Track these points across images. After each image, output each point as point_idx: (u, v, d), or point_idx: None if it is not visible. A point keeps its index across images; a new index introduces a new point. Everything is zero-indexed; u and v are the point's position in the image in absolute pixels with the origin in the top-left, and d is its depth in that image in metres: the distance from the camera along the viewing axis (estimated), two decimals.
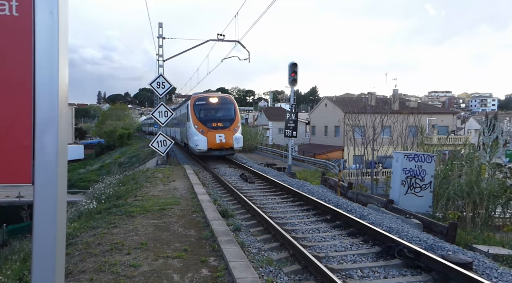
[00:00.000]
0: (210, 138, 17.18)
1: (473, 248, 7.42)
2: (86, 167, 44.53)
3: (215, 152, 17.64)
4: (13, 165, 1.72)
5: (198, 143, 17.24)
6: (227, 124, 17.95)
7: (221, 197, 10.15)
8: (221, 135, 17.28)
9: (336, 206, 8.82)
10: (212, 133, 17.32)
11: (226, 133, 17.45)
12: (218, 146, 17.30)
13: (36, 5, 1.70)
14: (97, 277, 4.52)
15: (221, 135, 17.28)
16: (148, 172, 14.95)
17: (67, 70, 1.79)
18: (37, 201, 1.70)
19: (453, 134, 37.42)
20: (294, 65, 16.61)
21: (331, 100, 45.51)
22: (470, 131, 53.07)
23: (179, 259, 5.15)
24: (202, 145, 17.18)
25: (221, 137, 17.24)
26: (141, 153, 34.33)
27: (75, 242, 6.01)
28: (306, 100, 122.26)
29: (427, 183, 12.12)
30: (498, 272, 5.21)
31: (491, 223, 11.10)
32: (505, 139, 18.55)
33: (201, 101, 18.65)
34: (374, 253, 5.91)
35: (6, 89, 1.71)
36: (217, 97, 19.23)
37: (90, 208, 8.89)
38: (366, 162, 21.09)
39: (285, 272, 5.03)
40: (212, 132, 17.35)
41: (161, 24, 18.67)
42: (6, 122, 1.71)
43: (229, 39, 19.38)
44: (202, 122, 17.74)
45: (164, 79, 15.57)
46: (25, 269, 5.83)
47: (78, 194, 25.66)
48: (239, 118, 18.74)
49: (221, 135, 17.29)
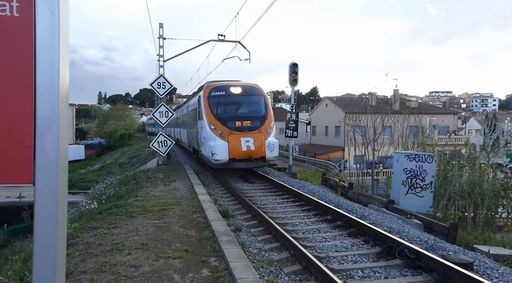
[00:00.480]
0: (233, 144, 12.42)
1: (474, 248, 7.42)
2: (86, 167, 44.57)
3: (240, 163, 12.62)
4: (14, 166, 1.72)
5: (216, 151, 12.37)
6: (256, 124, 13.14)
7: (222, 197, 10.15)
8: (249, 140, 12.52)
9: (337, 206, 8.81)
10: (236, 137, 12.54)
11: (256, 137, 12.68)
12: (244, 155, 12.46)
13: (37, 5, 1.70)
14: (98, 278, 4.52)
15: (249, 140, 12.52)
16: (149, 172, 14.98)
17: (67, 70, 1.80)
18: (38, 201, 1.70)
19: (454, 134, 37.40)
20: (295, 66, 16.50)
21: (332, 100, 45.52)
22: (471, 131, 53.01)
23: (179, 260, 5.15)
24: (222, 154, 12.35)
25: (249, 142, 12.49)
26: (141, 153, 34.37)
27: (76, 242, 6.02)
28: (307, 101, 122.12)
29: (428, 183, 12.11)
30: (499, 272, 5.21)
31: (493, 223, 11.09)
32: (506, 140, 18.54)
33: (219, 92, 13.68)
34: (375, 253, 5.90)
35: (7, 89, 1.71)
36: (241, 86, 14.12)
37: (90, 208, 8.91)
38: (367, 162, 21.07)
39: (286, 272, 5.03)
40: (235, 135, 12.59)
41: (162, 25, 18.66)
42: (7, 122, 1.72)
43: (229, 40, 19.32)
44: (221, 121, 12.93)
45: (165, 79, 15.57)
46: (26, 270, 5.83)
47: (79, 194, 25.67)
48: (272, 116, 13.74)
49: (248, 139, 12.52)
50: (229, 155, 12.36)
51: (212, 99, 13.50)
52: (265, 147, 12.66)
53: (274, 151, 12.88)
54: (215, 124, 12.89)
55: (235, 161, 12.49)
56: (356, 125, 22.04)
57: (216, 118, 13.04)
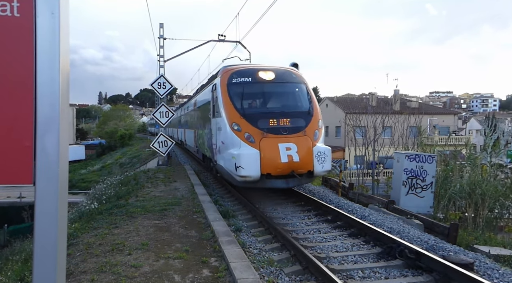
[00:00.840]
0: (268, 153, 8.56)
1: (474, 249, 7.40)
2: (87, 167, 44.61)
3: (277, 181, 8.72)
4: (14, 166, 1.72)
5: (242, 163, 8.46)
6: (299, 123, 9.21)
7: (222, 198, 10.15)
8: (291, 147, 8.68)
9: (337, 207, 8.81)
10: (271, 143, 8.68)
11: (300, 141, 8.84)
12: (284, 168, 8.56)
13: (37, 6, 1.71)
14: (98, 278, 4.52)
15: (291, 147, 8.68)
16: (149, 172, 14.97)
17: (68, 70, 1.80)
18: (38, 201, 1.70)
19: (454, 134, 37.38)
20: (295, 66, 16.51)
21: (332, 100, 45.53)
22: (472, 131, 52.98)
23: (180, 260, 5.15)
24: (251, 167, 8.44)
25: (291, 150, 8.64)
26: (142, 154, 34.37)
27: (76, 242, 6.02)
28: None
29: (428, 184, 12.10)
30: (499, 272, 5.20)
31: (495, 224, 11.08)
32: (507, 140, 18.53)
33: (244, 78, 9.71)
34: (375, 253, 5.90)
35: (7, 90, 1.71)
36: (273, 70, 10.08)
37: (91, 209, 8.90)
38: (367, 162, 21.06)
39: (286, 273, 5.03)
40: (271, 139, 8.71)
41: (162, 25, 18.67)
42: (7, 123, 1.72)
43: (230, 40, 19.33)
44: (248, 120, 9.03)
45: (165, 79, 15.57)
46: (26, 270, 5.83)
47: (79, 194, 25.67)
48: (319, 112, 9.80)
49: (289, 146, 8.69)
50: (262, 168, 8.36)
51: (234, 88, 9.51)
52: (314, 157, 8.74)
53: (325, 163, 8.89)
54: (240, 123, 8.86)
55: (270, 177, 8.50)
56: (356, 126, 22.02)
57: (242, 115, 9.02)
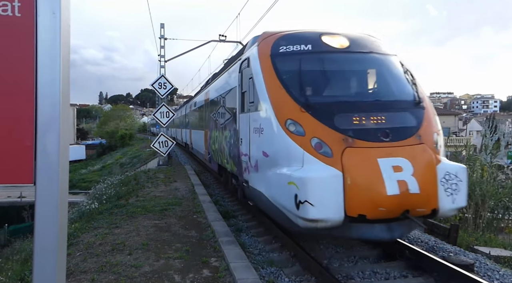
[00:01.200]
0: (360, 176, 4.40)
1: (474, 250, 7.38)
2: (87, 167, 44.67)
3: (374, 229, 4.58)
4: (15, 165, 1.73)
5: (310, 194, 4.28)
6: (407, 123, 5.09)
7: (222, 198, 10.15)
8: (401, 166, 4.44)
9: None
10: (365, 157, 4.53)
11: (415, 155, 4.63)
12: (393, 205, 4.32)
13: (39, 6, 1.71)
14: (98, 278, 4.52)
15: (401, 166, 4.44)
16: (150, 172, 14.97)
17: (68, 70, 1.80)
18: (39, 201, 1.70)
19: (455, 135, 37.37)
20: None
21: None
22: (472, 132, 52.96)
23: (180, 260, 5.15)
24: (327, 202, 4.28)
25: (402, 172, 4.41)
26: (142, 154, 34.38)
27: (77, 242, 6.02)
28: None
29: None
30: (499, 273, 5.20)
31: (496, 225, 11.05)
32: (507, 141, 18.50)
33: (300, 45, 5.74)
34: (375, 254, 5.90)
35: (8, 89, 1.71)
36: (345, 36, 6.00)
37: (91, 209, 8.91)
38: None
39: (286, 273, 5.03)
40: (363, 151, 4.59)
41: (163, 25, 18.68)
42: (8, 123, 1.72)
43: (231, 40, 19.34)
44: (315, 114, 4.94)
45: (166, 80, 15.56)
46: (26, 270, 5.84)
47: (79, 194, 25.70)
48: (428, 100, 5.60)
49: (399, 163, 4.46)
50: (348, 206, 4.38)
51: (286, 61, 5.73)
52: (438, 183, 4.69)
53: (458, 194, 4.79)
54: (302, 120, 4.97)
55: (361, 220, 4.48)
56: None
57: (303, 105, 5.07)
